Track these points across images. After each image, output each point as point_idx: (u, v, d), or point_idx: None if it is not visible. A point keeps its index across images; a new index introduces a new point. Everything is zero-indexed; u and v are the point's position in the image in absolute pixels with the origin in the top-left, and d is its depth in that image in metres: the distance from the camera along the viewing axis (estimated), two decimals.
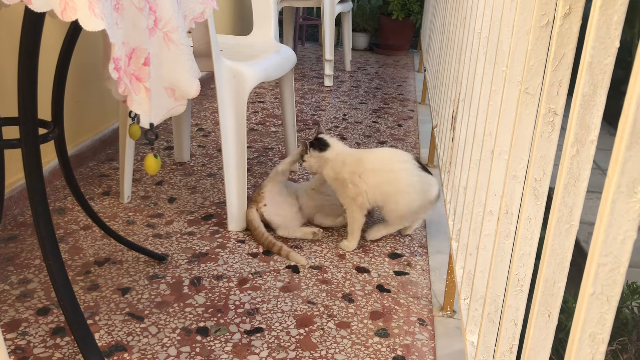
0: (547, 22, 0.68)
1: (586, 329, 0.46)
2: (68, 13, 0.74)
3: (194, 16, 1.08)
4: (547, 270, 0.58)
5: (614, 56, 0.50)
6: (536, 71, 0.70)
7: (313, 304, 1.34)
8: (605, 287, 0.45)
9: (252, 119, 2.76)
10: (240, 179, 1.64)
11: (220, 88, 1.55)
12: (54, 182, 1.88)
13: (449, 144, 1.47)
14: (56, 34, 1.83)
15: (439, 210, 1.89)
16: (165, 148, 2.28)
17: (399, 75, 3.94)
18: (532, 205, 0.66)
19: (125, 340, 1.18)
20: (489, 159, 0.93)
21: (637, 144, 0.40)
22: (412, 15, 4.48)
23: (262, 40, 1.99)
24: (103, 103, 2.20)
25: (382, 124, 2.78)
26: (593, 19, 0.49)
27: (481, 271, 0.90)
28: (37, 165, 0.97)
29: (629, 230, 0.43)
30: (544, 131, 0.63)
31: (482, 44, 1.07)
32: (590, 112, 0.52)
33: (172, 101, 0.99)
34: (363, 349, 1.20)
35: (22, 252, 1.48)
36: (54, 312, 1.25)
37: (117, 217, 1.70)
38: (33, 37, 0.94)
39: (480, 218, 0.96)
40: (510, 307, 0.72)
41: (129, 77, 0.87)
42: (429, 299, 1.40)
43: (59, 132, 1.24)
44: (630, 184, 0.41)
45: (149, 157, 0.99)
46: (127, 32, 0.86)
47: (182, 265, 1.47)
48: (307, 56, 4.43)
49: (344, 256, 1.57)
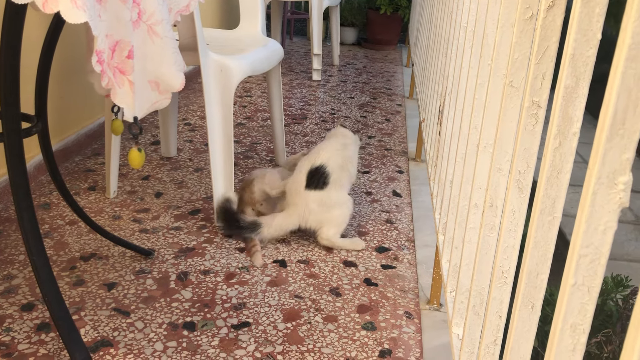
0: (532, 15, 0.68)
1: (567, 319, 0.46)
2: (50, 5, 0.73)
3: (179, 9, 1.07)
4: (531, 262, 0.58)
5: (596, 48, 0.50)
6: (520, 64, 0.70)
7: (300, 298, 1.34)
8: (586, 277, 0.45)
9: (240, 113, 2.75)
10: (228, 173, 1.64)
11: (206, 82, 1.54)
12: (39, 177, 1.86)
13: (436, 138, 1.47)
14: (39, 26, 1.81)
15: (427, 204, 1.90)
16: (151, 143, 2.27)
17: (387, 69, 3.94)
18: (516, 198, 0.67)
19: (111, 336, 1.17)
20: (474, 153, 0.93)
21: (617, 135, 0.40)
22: (400, 10, 4.48)
23: (249, 34, 1.98)
24: (89, 97, 2.18)
25: (370, 119, 2.78)
26: (575, 12, 0.49)
27: (467, 264, 0.90)
28: (20, 159, 0.96)
29: (610, 221, 0.43)
30: (527, 124, 0.63)
31: (468, 37, 1.07)
32: (573, 104, 0.52)
33: (157, 95, 0.99)
34: (350, 342, 1.21)
35: (6, 247, 1.46)
36: (38, 307, 1.24)
37: (103, 212, 1.69)
38: (15, 30, 0.92)
39: (465, 211, 0.97)
40: (495, 299, 0.72)
41: (113, 70, 0.86)
42: (416, 293, 1.40)
43: (43, 126, 1.22)
44: (611, 175, 0.42)
45: (133, 150, 0.98)
46: (110, 25, 0.85)
47: (169, 260, 1.46)
48: (295, 50, 4.41)
49: (331, 250, 1.57)
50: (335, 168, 1.57)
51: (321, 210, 1.54)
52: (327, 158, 1.57)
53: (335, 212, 1.56)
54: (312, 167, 1.56)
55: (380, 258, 1.55)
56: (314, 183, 1.54)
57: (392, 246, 1.62)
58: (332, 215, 1.55)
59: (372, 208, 1.84)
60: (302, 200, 1.54)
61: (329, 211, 1.55)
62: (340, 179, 1.59)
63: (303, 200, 1.54)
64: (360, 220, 1.76)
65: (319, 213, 1.54)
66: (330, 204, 1.55)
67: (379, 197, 1.92)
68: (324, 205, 1.54)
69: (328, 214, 1.55)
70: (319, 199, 1.54)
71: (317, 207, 1.54)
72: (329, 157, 1.58)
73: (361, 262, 1.52)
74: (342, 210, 1.57)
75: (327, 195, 1.55)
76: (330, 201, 1.55)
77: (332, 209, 1.55)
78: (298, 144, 2.36)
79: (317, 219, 1.55)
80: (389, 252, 1.59)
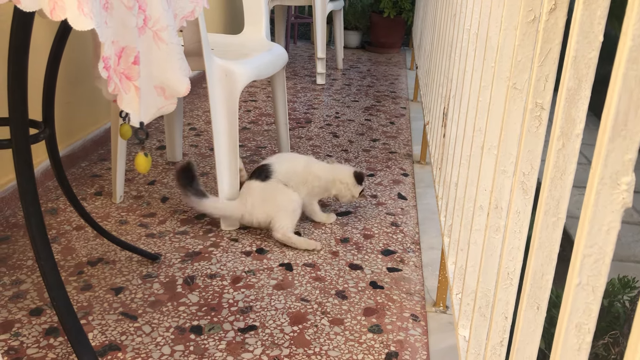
0: (534, 18, 0.68)
1: (572, 319, 0.47)
2: (57, 12, 0.74)
3: (185, 14, 1.08)
4: (535, 263, 0.58)
5: (598, 50, 0.50)
6: (523, 66, 0.70)
7: (306, 302, 1.35)
8: (590, 277, 0.46)
9: (245, 117, 2.76)
10: (233, 177, 1.65)
11: (211, 87, 1.55)
12: (46, 182, 1.87)
13: (441, 140, 1.48)
14: (46, 33, 1.82)
15: (432, 206, 1.90)
16: (157, 147, 2.28)
17: (391, 72, 3.94)
18: (520, 199, 0.67)
19: (119, 340, 1.18)
20: (478, 155, 0.94)
21: (620, 136, 0.41)
22: (404, 13, 4.49)
23: (254, 38, 1.99)
24: (95, 103, 2.19)
25: (374, 122, 2.79)
26: (577, 14, 0.50)
27: (472, 266, 0.91)
28: (28, 165, 0.97)
29: (613, 221, 0.43)
30: (531, 126, 0.64)
31: (472, 40, 1.08)
32: (576, 106, 0.52)
33: (162, 100, 1.00)
34: (356, 345, 1.21)
35: (14, 253, 1.47)
36: (47, 312, 1.25)
37: (110, 217, 1.70)
38: (23, 37, 0.94)
39: (470, 213, 0.97)
40: (501, 300, 0.72)
41: (119, 76, 0.87)
42: (422, 295, 1.41)
43: (50, 132, 1.23)
44: (614, 175, 0.42)
45: (140, 155, 0.99)
46: (116, 31, 0.86)
47: (176, 264, 1.47)
48: (299, 54, 4.43)
49: (337, 253, 1.57)
50: (283, 171, 1.64)
51: (264, 202, 1.59)
52: (277, 161, 1.66)
53: (279, 203, 1.60)
54: (259, 165, 1.66)
55: (386, 261, 1.55)
56: (256, 174, 1.63)
57: (397, 249, 1.62)
58: (277, 206, 1.59)
59: (378, 211, 1.84)
60: (245, 190, 1.62)
61: (274, 202, 1.59)
62: (289, 183, 1.64)
63: (246, 189, 1.62)
64: (365, 223, 1.76)
65: (262, 205, 1.59)
66: (272, 195, 1.60)
67: (384, 200, 1.92)
68: (266, 195, 1.60)
69: (273, 205, 1.59)
70: (261, 189, 1.60)
71: (259, 197, 1.59)
72: (283, 161, 1.68)
73: (367, 265, 1.53)
74: (286, 201, 1.61)
75: (270, 186, 1.61)
76: (272, 192, 1.60)
77: (275, 200, 1.60)
78: (303, 147, 2.37)
79: (263, 212, 1.59)
80: (394, 254, 1.59)
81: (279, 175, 1.62)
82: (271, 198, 1.59)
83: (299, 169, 1.67)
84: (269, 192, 1.60)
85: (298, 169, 1.67)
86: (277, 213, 1.59)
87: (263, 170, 1.63)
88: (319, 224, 1.73)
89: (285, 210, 1.59)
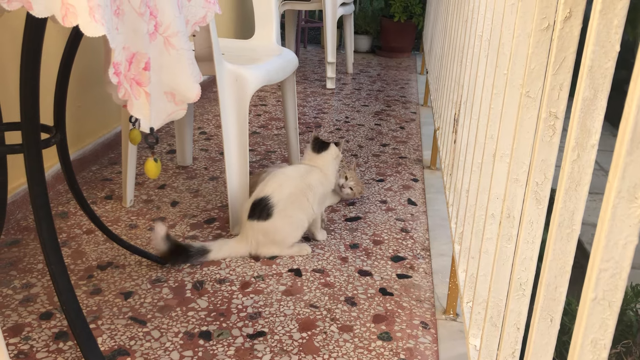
0: (548, 26, 0.67)
1: (588, 335, 0.46)
2: (69, 19, 0.74)
3: (197, 20, 1.08)
4: (549, 275, 0.57)
5: (615, 60, 0.49)
6: (537, 75, 0.69)
7: (315, 308, 1.34)
8: (606, 292, 0.45)
9: (255, 122, 2.76)
10: (243, 182, 1.64)
11: (222, 92, 1.55)
12: (56, 186, 1.88)
13: (451, 146, 1.47)
14: (58, 38, 1.84)
15: (442, 212, 1.89)
16: (167, 152, 2.29)
17: (401, 77, 3.94)
18: (533, 209, 0.66)
19: (128, 345, 1.18)
20: (490, 162, 0.93)
21: (638, 149, 0.40)
22: (414, 18, 4.48)
23: (264, 43, 1.99)
24: (105, 107, 2.20)
25: (384, 127, 2.78)
26: (593, 23, 0.49)
27: (483, 275, 0.90)
28: (39, 170, 0.98)
29: (630, 235, 0.42)
30: (545, 135, 0.63)
31: (484, 46, 1.07)
32: (591, 117, 0.51)
33: (173, 105, 0.99)
34: (366, 352, 1.20)
35: (25, 256, 1.48)
36: (56, 316, 1.25)
37: (120, 221, 1.70)
38: (35, 42, 0.94)
39: (482, 221, 0.96)
40: (513, 311, 0.71)
41: (129, 82, 0.87)
42: (432, 302, 1.40)
43: (61, 137, 1.24)
44: (631, 189, 0.41)
45: (150, 161, 0.99)
46: (127, 37, 0.86)
47: (185, 269, 1.47)
48: (309, 59, 4.43)
49: (346, 259, 1.57)
50: (283, 197, 1.52)
51: (267, 240, 1.53)
52: (273, 189, 1.53)
53: (285, 240, 1.55)
54: (256, 199, 1.53)
55: (395, 267, 1.54)
56: (256, 214, 1.51)
57: (407, 255, 1.61)
58: (284, 243, 1.55)
59: (387, 217, 1.83)
60: (248, 230, 1.54)
61: (281, 241, 1.55)
62: (292, 205, 1.53)
63: (249, 229, 1.53)
64: (375, 229, 1.75)
65: (269, 245, 1.54)
66: (276, 235, 1.53)
67: (394, 206, 1.91)
68: (269, 236, 1.52)
69: (281, 244, 1.55)
70: (264, 230, 1.52)
71: (262, 237, 1.53)
72: (278, 186, 1.54)
73: (376, 271, 1.52)
74: (293, 235, 1.56)
75: (272, 225, 1.51)
76: (276, 232, 1.52)
77: (282, 239, 1.55)
78: None
79: (270, 251, 1.55)
80: (404, 261, 1.58)
81: (280, 205, 1.51)
82: (277, 238, 1.53)
83: (297, 187, 1.56)
84: (272, 232, 1.52)
85: (297, 188, 1.55)
86: (285, 250, 1.56)
87: (263, 207, 1.51)
88: (326, 229, 1.73)
89: (293, 241, 1.57)
